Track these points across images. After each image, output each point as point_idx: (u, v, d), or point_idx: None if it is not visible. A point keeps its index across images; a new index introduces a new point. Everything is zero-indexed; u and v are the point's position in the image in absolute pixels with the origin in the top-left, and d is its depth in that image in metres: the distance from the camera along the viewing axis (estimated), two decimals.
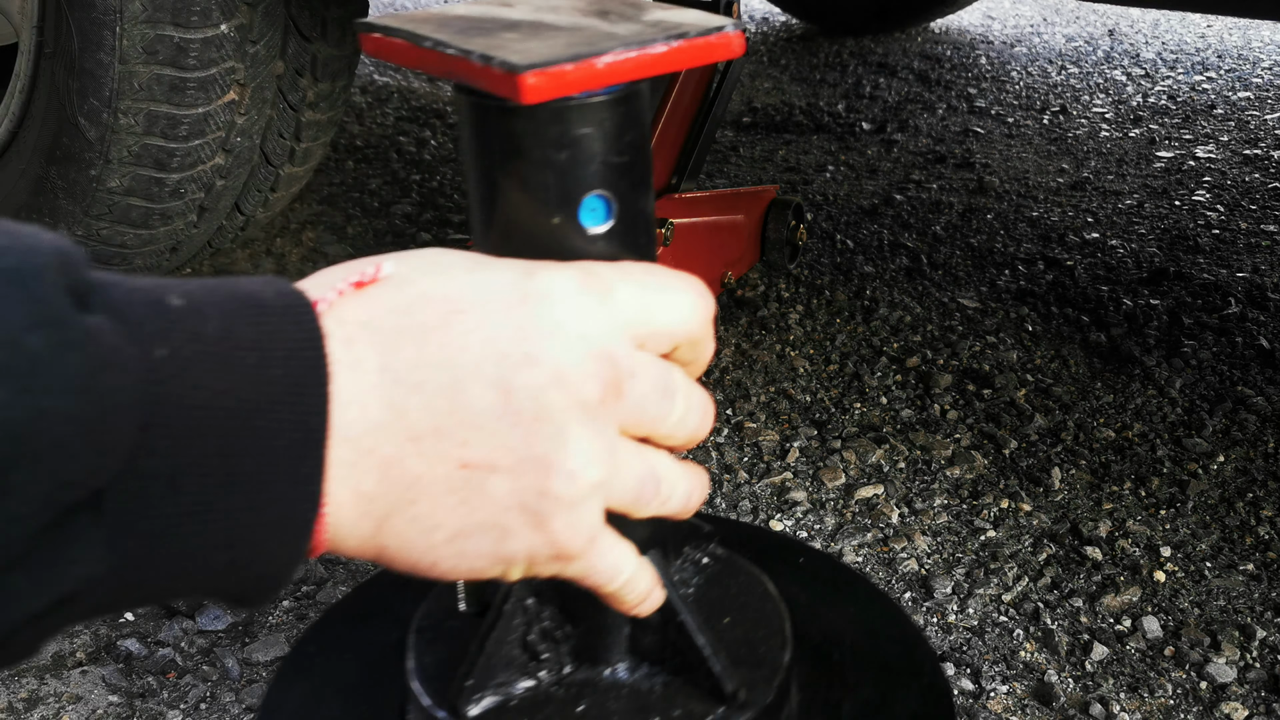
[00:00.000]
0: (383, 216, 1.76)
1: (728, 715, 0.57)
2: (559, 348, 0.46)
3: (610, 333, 0.47)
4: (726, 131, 2.07)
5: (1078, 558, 0.96)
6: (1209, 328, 1.32)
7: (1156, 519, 1.01)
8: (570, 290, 0.47)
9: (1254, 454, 1.09)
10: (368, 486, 0.43)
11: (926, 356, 1.29)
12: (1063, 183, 1.78)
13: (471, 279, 0.46)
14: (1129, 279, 1.46)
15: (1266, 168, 1.82)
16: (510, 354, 0.45)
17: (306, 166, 1.41)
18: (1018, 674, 0.85)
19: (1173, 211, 1.66)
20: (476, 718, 0.57)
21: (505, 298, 0.46)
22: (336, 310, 0.44)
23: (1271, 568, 0.95)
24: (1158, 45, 2.59)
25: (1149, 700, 0.83)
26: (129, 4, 1.09)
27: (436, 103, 2.28)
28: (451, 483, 0.45)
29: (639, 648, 0.59)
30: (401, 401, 0.43)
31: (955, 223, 1.65)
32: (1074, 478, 1.07)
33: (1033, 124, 2.07)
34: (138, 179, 1.21)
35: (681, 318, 0.50)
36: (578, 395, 0.46)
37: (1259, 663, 0.85)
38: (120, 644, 0.88)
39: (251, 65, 1.20)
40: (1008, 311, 1.38)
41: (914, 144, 1.98)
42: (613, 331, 0.47)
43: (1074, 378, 1.23)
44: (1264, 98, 2.19)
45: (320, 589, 0.94)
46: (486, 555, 0.47)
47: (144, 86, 1.14)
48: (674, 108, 1.24)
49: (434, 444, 0.44)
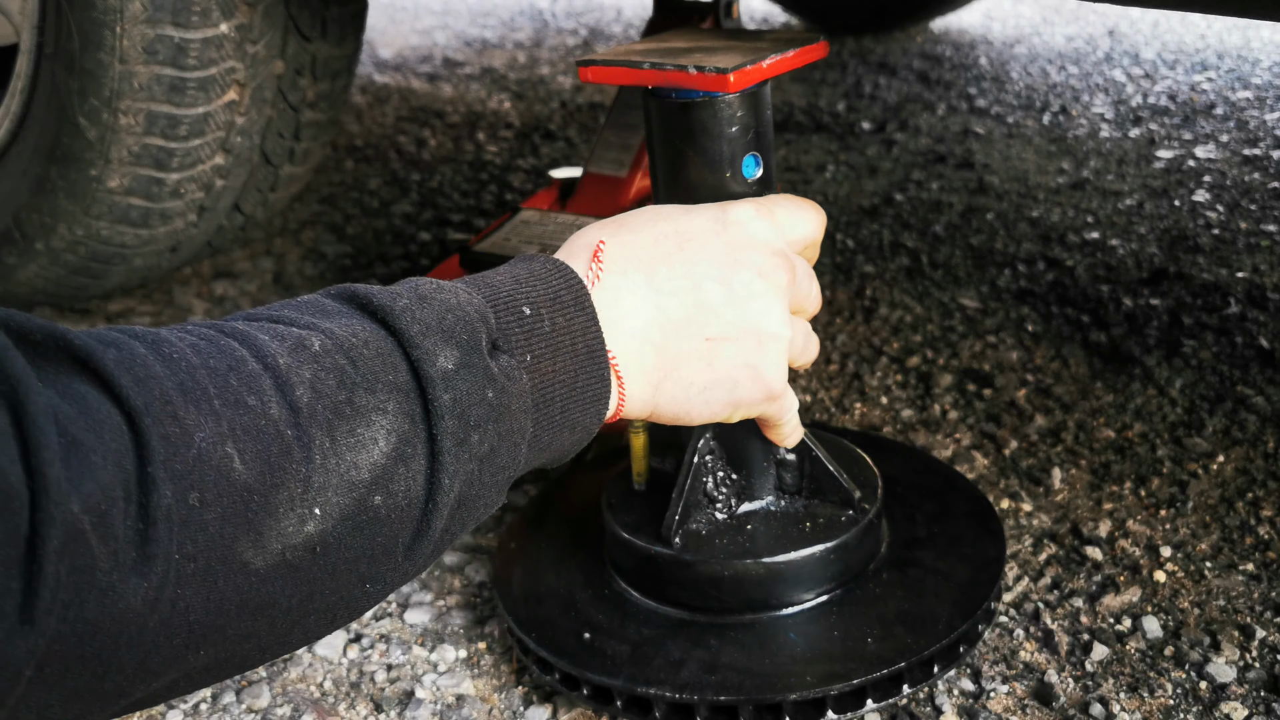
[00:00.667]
0: (382, 216, 1.76)
1: (855, 517, 0.82)
2: (755, 253, 0.67)
3: (779, 240, 0.69)
4: None
5: (1078, 558, 0.97)
6: (1209, 328, 1.32)
7: (1156, 519, 1.01)
8: (751, 215, 0.69)
9: (1254, 454, 1.09)
10: (648, 363, 0.64)
11: (926, 356, 1.29)
12: (1063, 183, 1.78)
13: (688, 218, 0.68)
14: (1129, 279, 1.46)
15: (1266, 168, 1.82)
16: (726, 261, 0.66)
17: (306, 166, 1.41)
18: (1018, 674, 0.85)
19: (1173, 211, 1.66)
20: (682, 545, 0.80)
21: (713, 226, 0.67)
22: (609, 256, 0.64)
23: (1271, 568, 0.95)
24: (1158, 45, 2.59)
25: (1149, 700, 0.83)
26: (129, 4, 1.09)
27: (435, 103, 2.28)
28: (699, 353, 0.65)
29: (782, 485, 0.84)
30: (663, 304, 0.65)
31: (955, 223, 1.65)
32: (1074, 478, 1.07)
33: (1033, 124, 2.07)
34: (138, 179, 1.21)
35: (813, 229, 0.73)
36: (773, 281, 0.67)
37: (1259, 663, 0.85)
38: None
39: (251, 65, 1.20)
40: (1008, 311, 1.38)
41: (914, 144, 1.98)
42: (780, 239, 0.69)
43: (1074, 378, 1.23)
44: (1264, 98, 2.19)
45: None
46: (723, 402, 0.67)
47: (144, 86, 1.14)
48: None
49: (686, 328, 0.65)
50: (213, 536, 0.43)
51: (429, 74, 2.47)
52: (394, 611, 0.93)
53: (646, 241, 0.66)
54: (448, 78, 2.45)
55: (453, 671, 0.87)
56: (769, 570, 0.79)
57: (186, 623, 0.43)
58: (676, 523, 0.80)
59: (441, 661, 0.88)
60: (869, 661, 0.77)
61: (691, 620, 0.81)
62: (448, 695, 0.85)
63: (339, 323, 0.52)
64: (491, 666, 0.88)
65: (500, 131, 2.12)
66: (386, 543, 0.50)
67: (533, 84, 2.40)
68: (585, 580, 0.88)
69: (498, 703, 0.84)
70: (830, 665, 0.76)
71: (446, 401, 0.52)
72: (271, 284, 1.56)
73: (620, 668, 0.78)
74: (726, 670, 0.77)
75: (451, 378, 0.52)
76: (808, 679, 0.75)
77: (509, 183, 1.88)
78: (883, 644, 0.78)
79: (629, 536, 0.83)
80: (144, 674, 0.43)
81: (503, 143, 2.07)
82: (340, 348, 0.50)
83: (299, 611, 0.48)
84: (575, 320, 0.61)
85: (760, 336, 0.66)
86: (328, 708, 0.84)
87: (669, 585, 0.82)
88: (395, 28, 2.86)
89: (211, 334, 0.49)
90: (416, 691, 0.85)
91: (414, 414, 0.51)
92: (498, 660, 0.88)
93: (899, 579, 0.84)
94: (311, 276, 1.58)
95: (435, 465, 0.51)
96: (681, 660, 0.78)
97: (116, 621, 0.40)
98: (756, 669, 0.76)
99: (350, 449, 0.48)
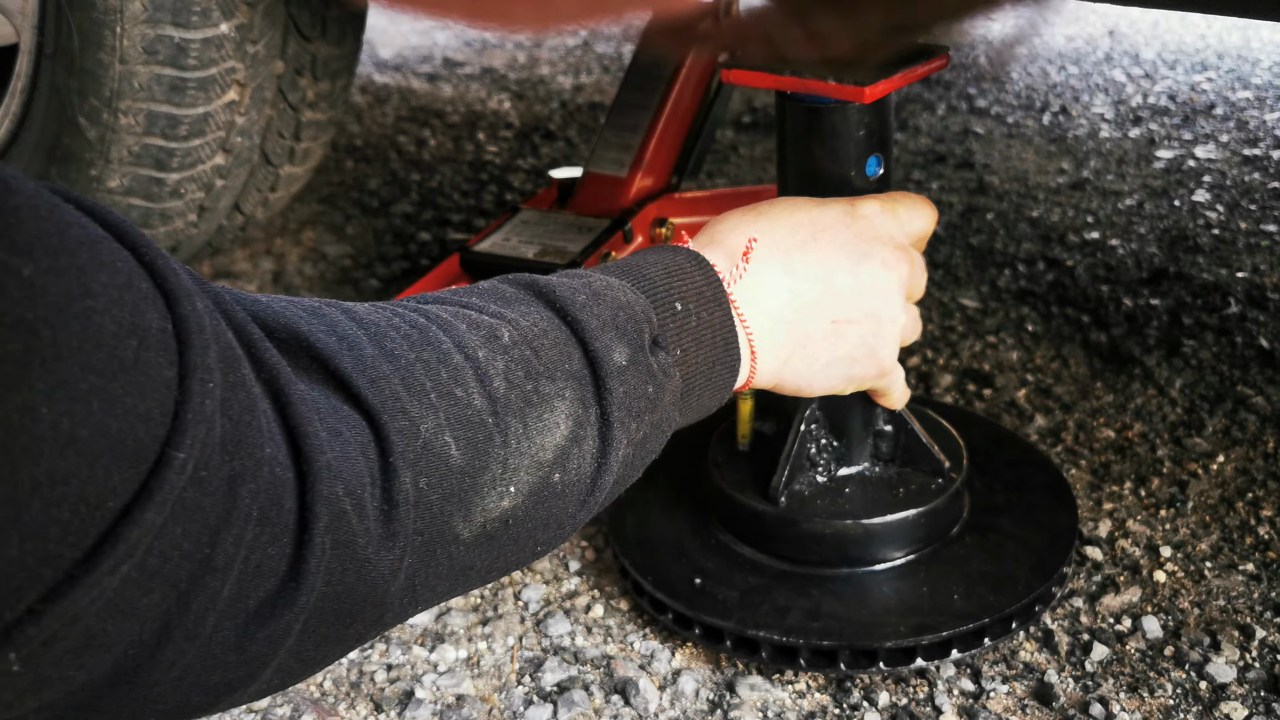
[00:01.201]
0: (382, 216, 1.76)
1: (944, 485, 0.90)
2: (879, 246, 0.73)
3: (900, 234, 0.76)
4: (726, 131, 2.07)
5: (1078, 558, 0.96)
6: (1209, 328, 1.32)
7: (1156, 519, 1.01)
8: (877, 211, 0.75)
9: (1254, 454, 1.09)
10: (779, 339, 0.70)
11: (926, 356, 1.29)
12: (1063, 183, 1.78)
13: (821, 210, 0.74)
14: (1129, 279, 1.46)
15: (1266, 168, 1.82)
16: (854, 252, 0.72)
17: (306, 166, 1.41)
18: (1018, 674, 0.85)
19: (1173, 211, 1.66)
20: (787, 504, 0.88)
21: (844, 219, 0.74)
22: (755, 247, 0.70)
23: (1271, 568, 0.95)
24: (1158, 45, 2.59)
25: (1149, 700, 0.83)
26: (129, 4, 1.09)
27: (435, 103, 2.28)
28: (825, 333, 0.72)
29: (878, 453, 0.92)
30: (795, 287, 0.71)
31: (955, 223, 1.65)
32: (1074, 478, 1.07)
33: (1033, 124, 2.07)
34: (138, 179, 1.21)
35: (928, 224, 0.79)
36: (895, 273, 0.74)
37: (1259, 663, 0.85)
38: None
39: (251, 65, 1.20)
40: (1008, 311, 1.38)
41: (914, 144, 1.98)
42: (901, 233, 0.76)
43: (1074, 378, 1.23)
44: (1264, 98, 2.19)
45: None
46: (841, 377, 0.75)
47: (144, 86, 1.14)
48: (674, 108, 1.24)
49: (815, 310, 0.71)
50: (435, 515, 0.50)
51: (429, 74, 2.47)
52: None
53: (785, 230, 0.72)
54: (448, 78, 2.45)
55: (453, 671, 0.87)
56: (866, 530, 0.88)
57: (412, 586, 0.50)
58: (783, 483, 0.87)
59: (441, 661, 0.88)
60: (956, 616, 0.84)
61: (793, 572, 0.89)
62: (448, 695, 0.85)
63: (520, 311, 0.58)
64: (492, 666, 0.88)
65: (500, 131, 2.12)
66: (559, 514, 0.57)
67: (533, 84, 2.40)
68: (692, 530, 0.95)
69: (498, 703, 0.84)
70: (921, 618, 0.84)
71: (619, 394, 0.58)
72: (271, 284, 1.56)
73: (731, 611, 0.86)
74: (828, 618, 0.85)
75: (624, 372, 0.59)
76: (900, 629, 0.83)
77: (509, 183, 1.88)
78: (968, 601, 0.86)
79: (737, 494, 0.90)
80: (378, 627, 0.50)
81: (503, 143, 2.07)
82: (525, 339, 0.56)
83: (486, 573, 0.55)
84: (715, 315, 0.67)
85: (879, 321, 0.74)
86: (328, 708, 0.84)
87: (774, 539, 0.90)
88: (395, 28, 2.86)
89: (420, 322, 0.54)
90: (416, 691, 0.85)
91: (587, 399, 0.57)
92: (498, 660, 0.88)
93: (980, 542, 0.92)
94: (311, 276, 1.58)
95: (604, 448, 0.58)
96: (787, 607, 0.86)
97: (368, 587, 0.47)
98: (854, 618, 0.85)
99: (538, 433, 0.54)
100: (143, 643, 0.38)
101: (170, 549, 0.37)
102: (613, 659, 0.88)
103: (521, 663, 0.88)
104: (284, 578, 0.43)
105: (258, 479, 0.41)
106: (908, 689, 0.85)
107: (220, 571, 0.39)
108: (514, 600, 0.94)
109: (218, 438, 0.38)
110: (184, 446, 0.36)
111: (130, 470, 0.35)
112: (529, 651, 0.89)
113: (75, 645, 0.36)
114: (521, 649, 0.90)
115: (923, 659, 0.83)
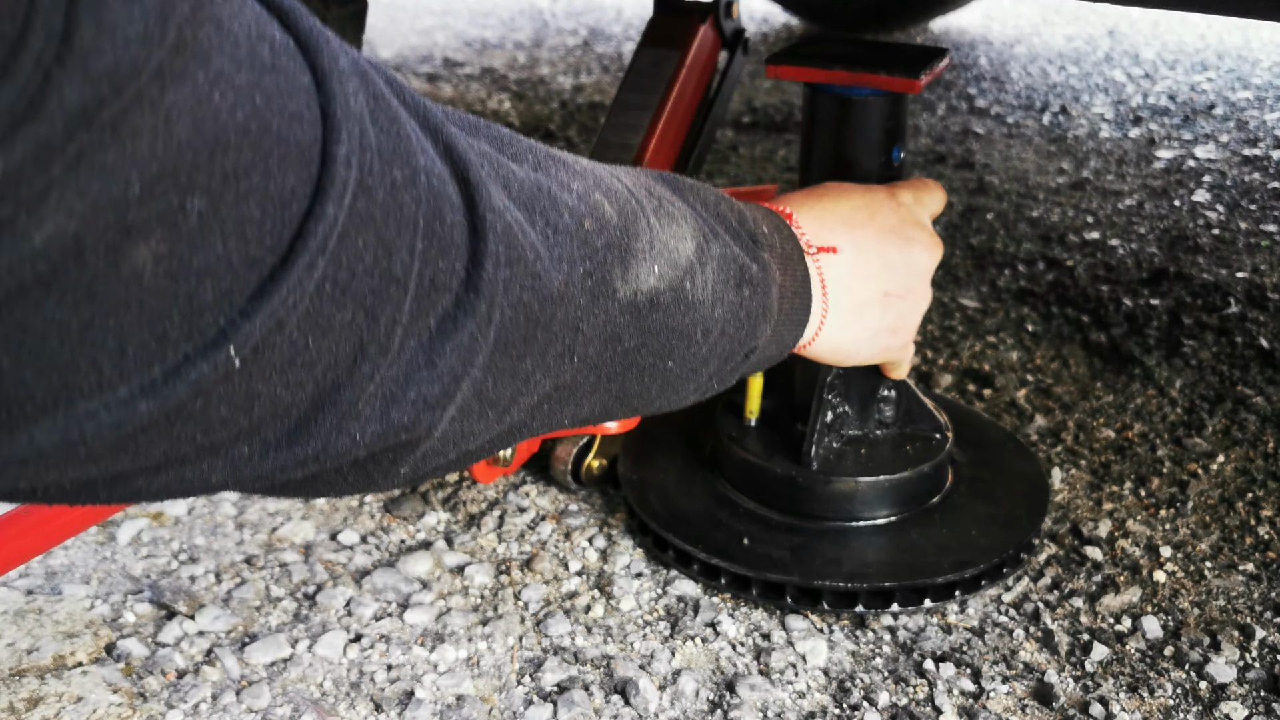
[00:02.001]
0: None
1: (943, 440, 0.98)
2: (919, 230, 0.80)
3: (927, 218, 0.83)
4: (726, 131, 2.07)
5: (1078, 558, 0.97)
6: (1209, 328, 1.32)
7: (1156, 519, 1.01)
8: (911, 199, 0.82)
9: (1254, 454, 1.09)
10: (845, 302, 0.76)
11: (926, 356, 1.29)
12: (1063, 183, 1.78)
13: (869, 195, 0.80)
14: (1129, 279, 1.46)
15: (1266, 168, 1.82)
16: (901, 233, 0.79)
17: None
18: (1018, 674, 0.85)
19: (1173, 211, 1.66)
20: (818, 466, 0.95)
21: (890, 204, 0.80)
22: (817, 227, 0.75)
23: (1271, 568, 0.95)
24: (1158, 45, 2.59)
25: (1149, 700, 0.83)
26: None
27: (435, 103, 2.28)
28: (878, 303, 0.78)
29: (883, 418, 0.99)
30: (858, 258, 0.76)
31: (955, 223, 1.65)
32: (1074, 478, 1.07)
33: (1033, 124, 2.07)
34: None
35: (940, 207, 0.86)
36: (932, 255, 0.81)
37: (1259, 663, 0.85)
38: (121, 644, 0.88)
39: None
40: (1008, 311, 1.38)
41: (914, 144, 1.98)
42: (927, 217, 0.83)
43: (1074, 378, 1.23)
44: (1264, 98, 2.19)
45: (320, 590, 0.94)
46: (883, 346, 0.81)
47: None
48: (674, 107, 1.24)
49: (872, 282, 0.77)
50: (600, 258, 0.52)
51: (429, 74, 2.47)
52: (394, 611, 0.93)
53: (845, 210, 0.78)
54: (448, 78, 2.45)
55: (453, 671, 0.87)
56: (892, 484, 0.96)
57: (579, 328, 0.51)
58: (810, 446, 0.95)
59: (441, 661, 0.88)
60: (983, 551, 0.93)
61: (829, 527, 0.96)
62: (448, 695, 0.85)
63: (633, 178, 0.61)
64: (492, 666, 0.88)
65: None
66: (689, 329, 0.59)
67: (533, 84, 2.40)
68: (717, 502, 1.01)
69: (498, 703, 0.85)
70: (957, 555, 0.93)
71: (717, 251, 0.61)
72: None
73: (790, 567, 0.92)
74: (878, 563, 0.92)
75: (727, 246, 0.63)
76: (944, 566, 0.91)
77: None
78: (988, 538, 0.94)
79: (764, 463, 0.98)
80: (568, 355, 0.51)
81: None
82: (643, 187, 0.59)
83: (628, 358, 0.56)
84: (793, 250, 0.71)
85: (917, 297, 0.81)
86: (328, 708, 0.84)
87: (806, 500, 0.96)
88: (395, 28, 2.86)
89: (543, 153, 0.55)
90: (416, 691, 0.85)
91: (705, 236, 0.61)
92: (498, 660, 0.88)
93: (975, 491, 1.00)
94: None
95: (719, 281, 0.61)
96: (838, 558, 0.93)
97: (544, 303, 0.48)
98: (900, 561, 0.92)
99: (671, 236, 0.57)
100: (339, 363, 0.39)
101: (354, 260, 0.38)
102: (613, 659, 0.88)
103: (521, 663, 0.88)
104: (460, 290, 0.44)
105: (417, 186, 0.41)
106: (908, 689, 0.85)
107: (400, 282, 0.40)
108: (514, 600, 0.94)
109: (373, 142, 0.39)
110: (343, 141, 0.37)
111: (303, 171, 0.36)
112: (529, 651, 0.89)
113: (281, 359, 0.37)
114: (521, 649, 0.90)
115: (960, 592, 0.92)
